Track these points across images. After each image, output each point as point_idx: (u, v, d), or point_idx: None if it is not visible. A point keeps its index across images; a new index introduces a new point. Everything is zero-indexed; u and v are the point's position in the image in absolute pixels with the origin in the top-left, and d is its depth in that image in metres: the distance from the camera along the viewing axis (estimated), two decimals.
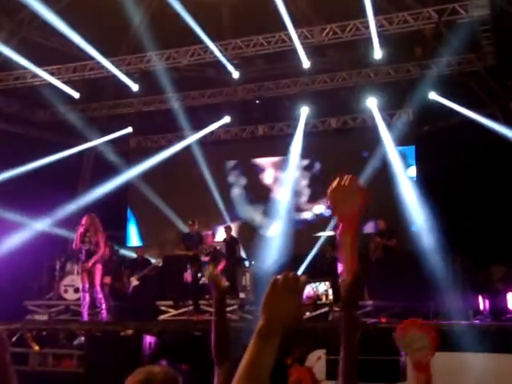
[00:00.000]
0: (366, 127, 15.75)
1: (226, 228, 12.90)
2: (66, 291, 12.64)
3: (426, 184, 14.45)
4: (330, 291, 10.07)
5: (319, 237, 14.38)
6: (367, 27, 12.43)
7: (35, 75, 14.47)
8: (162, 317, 11.80)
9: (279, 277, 1.66)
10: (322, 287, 10.23)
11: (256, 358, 1.64)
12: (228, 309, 9.97)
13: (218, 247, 12.27)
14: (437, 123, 15.03)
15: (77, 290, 12.48)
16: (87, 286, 10.57)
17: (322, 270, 12.27)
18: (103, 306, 10.56)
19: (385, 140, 14.93)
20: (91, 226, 10.63)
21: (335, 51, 14.21)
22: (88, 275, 10.59)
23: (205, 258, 11.58)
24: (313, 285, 10.16)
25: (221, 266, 11.59)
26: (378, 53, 13.11)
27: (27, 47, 14.23)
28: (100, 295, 10.57)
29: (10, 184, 14.01)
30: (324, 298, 10.25)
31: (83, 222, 10.72)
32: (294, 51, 13.25)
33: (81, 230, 10.69)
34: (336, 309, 9.89)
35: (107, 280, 11.74)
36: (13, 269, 13.05)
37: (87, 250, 10.60)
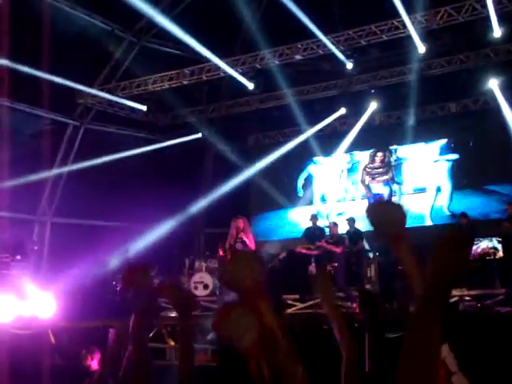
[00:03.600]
0: (489, 109, 15.14)
1: (348, 220, 12.82)
2: (196, 288, 13.08)
3: None
4: (500, 246, 9.57)
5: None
6: (484, 6, 11.97)
7: (155, 81, 15.07)
8: (288, 310, 11.95)
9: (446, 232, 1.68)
10: (491, 244, 9.86)
11: (428, 314, 1.57)
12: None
13: (343, 236, 12.37)
14: None
15: (206, 287, 12.97)
16: None
17: None
18: None
19: (510, 121, 14.33)
20: (246, 227, 11.17)
21: (451, 33, 13.78)
22: None
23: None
24: (480, 243, 9.82)
25: (339, 249, 11.75)
26: (497, 31, 12.59)
27: (146, 55, 14.88)
28: None
29: (139, 186, 14.66)
30: (493, 256, 9.87)
31: (238, 224, 11.15)
32: (408, 37, 13.00)
33: (235, 231, 11.16)
34: (467, 298, 9.62)
35: None
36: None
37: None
